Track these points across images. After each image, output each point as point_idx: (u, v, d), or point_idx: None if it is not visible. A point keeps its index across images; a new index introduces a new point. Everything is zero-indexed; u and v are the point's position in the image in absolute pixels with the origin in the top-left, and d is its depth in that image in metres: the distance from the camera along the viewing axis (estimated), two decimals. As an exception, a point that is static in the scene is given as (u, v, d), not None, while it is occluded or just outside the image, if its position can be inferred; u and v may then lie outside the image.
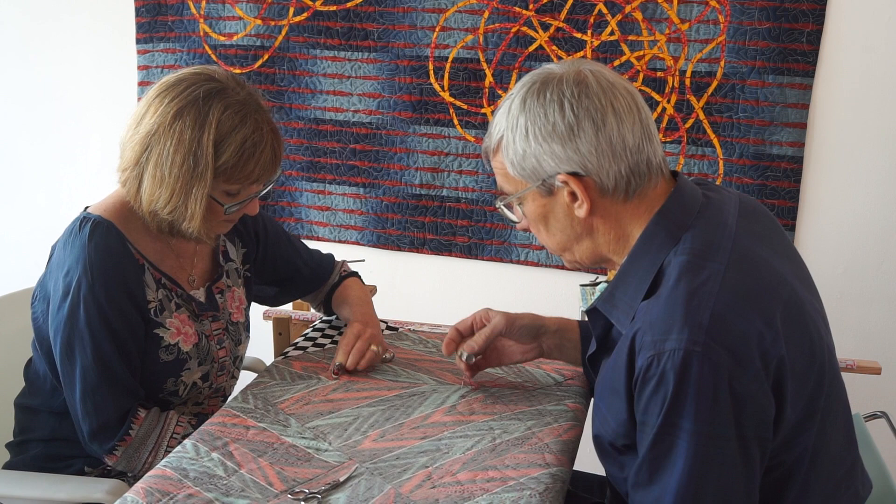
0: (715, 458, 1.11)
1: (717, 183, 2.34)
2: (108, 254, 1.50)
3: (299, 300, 2.01)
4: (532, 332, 1.58)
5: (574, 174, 1.22)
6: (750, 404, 1.10)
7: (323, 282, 1.92)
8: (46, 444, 1.62)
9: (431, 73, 2.58)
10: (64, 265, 1.50)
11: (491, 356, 1.61)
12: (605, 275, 2.31)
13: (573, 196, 1.24)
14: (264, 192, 1.59)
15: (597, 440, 1.32)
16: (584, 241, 1.29)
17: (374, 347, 1.67)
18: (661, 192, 1.26)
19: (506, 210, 1.35)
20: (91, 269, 1.48)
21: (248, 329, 1.78)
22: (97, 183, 1.62)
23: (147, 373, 1.56)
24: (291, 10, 2.65)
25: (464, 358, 1.56)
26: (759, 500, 1.17)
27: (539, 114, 1.22)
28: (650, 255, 1.22)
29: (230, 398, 1.56)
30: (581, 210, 1.24)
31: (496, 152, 1.30)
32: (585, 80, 1.22)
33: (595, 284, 2.07)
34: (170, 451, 1.50)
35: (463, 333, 1.59)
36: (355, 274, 1.98)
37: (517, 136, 1.24)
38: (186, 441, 1.38)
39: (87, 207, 1.58)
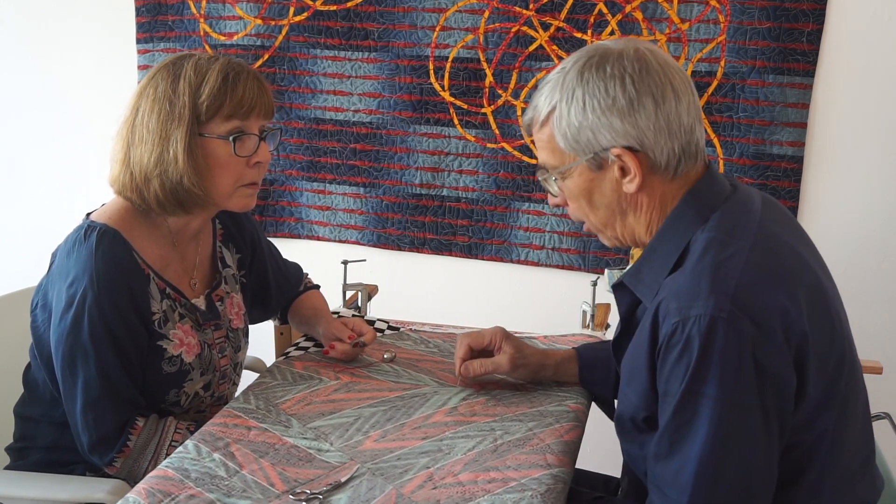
0: (737, 427, 1.12)
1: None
2: (115, 264, 1.48)
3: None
4: (531, 375, 1.61)
5: (629, 148, 1.23)
6: (772, 375, 1.11)
7: (292, 297, 1.92)
8: (47, 452, 1.60)
9: (431, 72, 2.58)
10: (68, 275, 1.47)
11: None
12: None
13: (623, 171, 1.24)
14: (268, 133, 1.56)
15: (618, 419, 1.33)
16: (627, 218, 1.30)
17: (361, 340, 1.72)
18: (698, 175, 1.28)
19: (545, 184, 1.34)
20: (98, 280, 1.45)
21: (247, 335, 1.78)
22: (98, 182, 1.61)
23: (149, 385, 1.54)
24: (291, 10, 2.65)
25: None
26: (778, 480, 1.17)
27: (599, 86, 1.22)
28: (679, 232, 1.24)
29: (232, 399, 1.55)
30: (632, 185, 1.25)
31: (545, 124, 1.29)
32: (645, 58, 1.23)
33: (621, 269, 2.06)
34: (169, 458, 1.50)
35: (475, 350, 1.61)
36: (318, 287, 1.98)
37: (573, 108, 1.24)
38: (188, 441, 1.38)
39: (89, 214, 1.56)
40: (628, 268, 1.32)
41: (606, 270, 1.99)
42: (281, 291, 1.88)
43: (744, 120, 2.38)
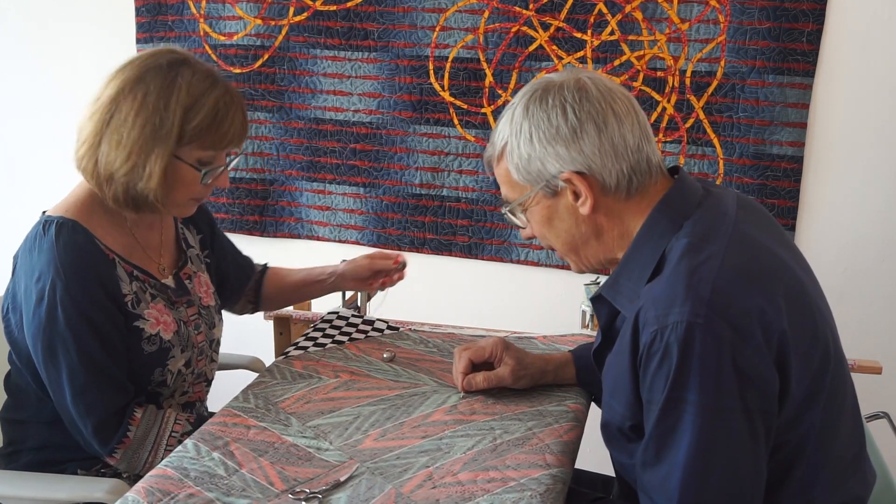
0: (721, 431, 1.12)
1: (718, 183, 2.35)
2: (78, 252, 1.48)
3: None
4: (533, 383, 1.61)
5: (577, 173, 1.26)
6: (753, 378, 1.12)
7: (249, 278, 1.95)
8: (38, 452, 1.60)
9: (431, 72, 2.58)
10: (34, 271, 1.47)
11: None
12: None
13: (576, 195, 1.28)
14: (232, 163, 1.60)
15: (605, 428, 1.34)
16: (590, 241, 1.33)
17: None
18: (661, 188, 1.30)
19: (511, 217, 1.38)
20: (64, 269, 1.45)
21: (220, 313, 1.80)
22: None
23: (134, 366, 1.55)
24: (291, 10, 2.65)
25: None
26: (766, 479, 1.17)
27: (542, 118, 1.27)
28: (653, 241, 1.26)
29: (231, 398, 1.55)
30: (584, 207, 1.27)
31: (500, 159, 1.34)
32: (585, 86, 1.27)
33: (597, 283, 2.06)
34: (170, 451, 1.50)
35: (476, 363, 1.61)
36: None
37: (521, 140, 1.29)
38: (187, 440, 1.38)
39: (45, 211, 1.57)
40: (605, 280, 1.34)
41: (584, 287, 2.01)
42: (241, 270, 1.92)
43: (744, 120, 2.38)
